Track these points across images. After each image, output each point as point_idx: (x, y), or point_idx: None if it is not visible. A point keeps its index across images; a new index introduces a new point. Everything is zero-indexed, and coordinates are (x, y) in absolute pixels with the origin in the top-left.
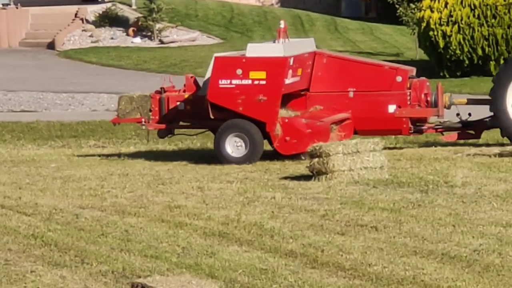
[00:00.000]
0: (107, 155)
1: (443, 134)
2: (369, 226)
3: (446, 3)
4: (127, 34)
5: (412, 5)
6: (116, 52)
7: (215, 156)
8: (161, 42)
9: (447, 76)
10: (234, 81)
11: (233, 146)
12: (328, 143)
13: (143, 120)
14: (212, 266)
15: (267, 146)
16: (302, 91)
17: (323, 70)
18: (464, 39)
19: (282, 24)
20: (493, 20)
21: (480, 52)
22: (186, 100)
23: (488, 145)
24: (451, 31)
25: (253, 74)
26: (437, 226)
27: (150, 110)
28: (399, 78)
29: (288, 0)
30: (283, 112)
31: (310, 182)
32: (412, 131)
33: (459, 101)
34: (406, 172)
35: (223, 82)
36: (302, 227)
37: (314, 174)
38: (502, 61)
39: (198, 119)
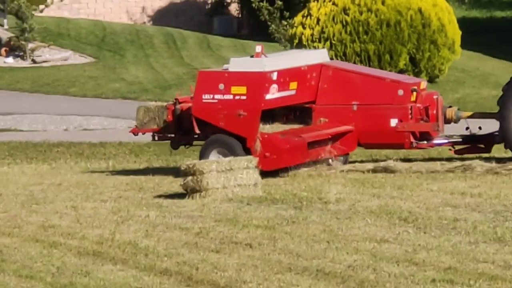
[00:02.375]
0: None
1: (454, 148)
2: (243, 243)
3: (318, 20)
4: (0, 54)
5: (284, 22)
6: None
7: (88, 175)
8: (34, 61)
9: None
10: (217, 96)
11: None
12: (202, 161)
13: (153, 132)
14: (87, 285)
15: None
16: (306, 104)
17: (329, 83)
18: (336, 55)
19: (258, 49)
20: (365, 36)
21: None
22: None
23: (362, 161)
24: (323, 48)
25: (235, 89)
26: (311, 242)
27: (165, 121)
28: (400, 92)
29: (160, 18)
30: (266, 128)
31: (184, 200)
32: (414, 146)
33: (465, 115)
34: (280, 189)
35: (206, 97)
36: (177, 245)
37: (188, 192)
38: None
39: (210, 131)
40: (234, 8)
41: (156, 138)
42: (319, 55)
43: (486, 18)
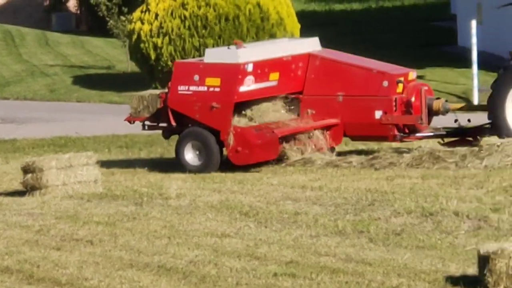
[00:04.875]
0: None
1: (443, 141)
2: (84, 240)
3: (157, 15)
4: None
5: (123, 18)
6: None
7: None
8: None
9: (159, 87)
10: (192, 88)
11: (192, 154)
12: (41, 158)
13: (144, 121)
14: None
15: None
16: (293, 94)
17: (316, 73)
18: (175, 50)
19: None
20: (203, 31)
21: None
22: None
23: None
24: (162, 43)
25: (209, 81)
26: (152, 238)
27: (158, 110)
28: (385, 83)
29: None
30: (242, 121)
31: (24, 198)
32: (398, 138)
33: (454, 107)
34: (120, 185)
35: (182, 88)
36: (17, 243)
37: (28, 190)
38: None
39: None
40: (72, 4)
41: (147, 127)
42: (309, 44)
43: (325, 11)
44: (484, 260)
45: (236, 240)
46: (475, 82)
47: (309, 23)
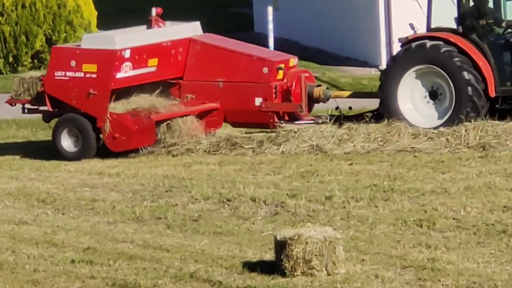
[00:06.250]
0: None
1: None
2: None
3: None
4: None
5: None
6: None
7: None
8: None
9: None
10: (69, 73)
11: (69, 140)
12: None
13: (24, 103)
14: None
15: None
16: (173, 80)
17: (196, 58)
18: None
19: (153, 12)
20: (0, 18)
21: None
22: None
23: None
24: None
25: (86, 67)
26: None
27: (39, 93)
28: (265, 70)
29: None
30: (118, 107)
31: None
32: (279, 126)
33: (336, 94)
34: None
35: (59, 74)
36: None
37: None
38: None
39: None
40: None
41: (27, 111)
42: (191, 29)
43: None
44: (281, 246)
45: (33, 227)
46: None
47: (107, 10)
